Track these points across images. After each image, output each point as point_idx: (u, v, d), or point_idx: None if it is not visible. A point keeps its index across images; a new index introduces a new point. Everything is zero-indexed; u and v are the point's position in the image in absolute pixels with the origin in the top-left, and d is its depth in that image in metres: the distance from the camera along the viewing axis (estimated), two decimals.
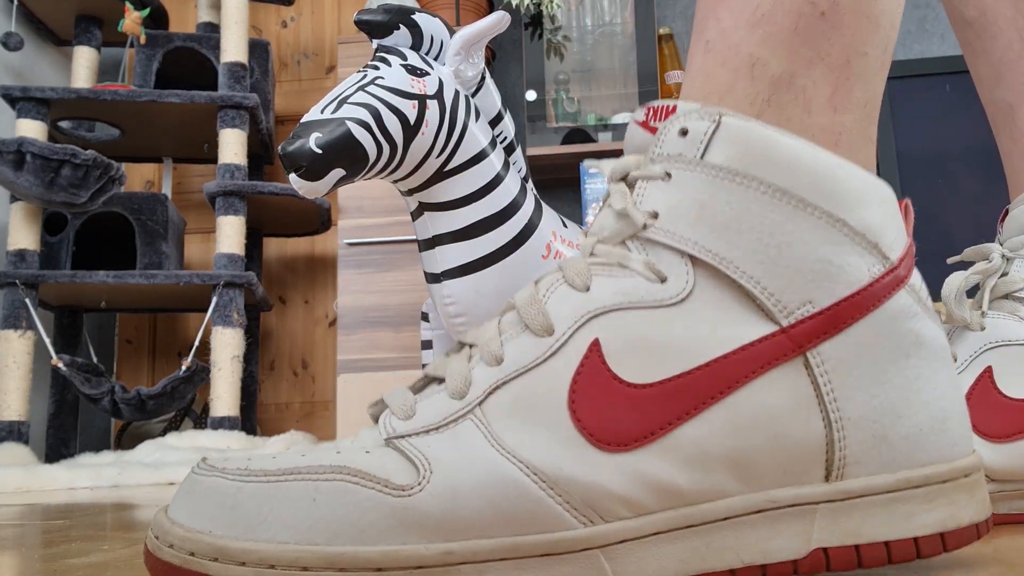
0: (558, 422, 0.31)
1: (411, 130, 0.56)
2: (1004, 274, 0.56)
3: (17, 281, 1.81)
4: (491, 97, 0.63)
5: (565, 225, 0.65)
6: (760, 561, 0.32)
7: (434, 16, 0.61)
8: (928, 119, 2.29)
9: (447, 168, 0.59)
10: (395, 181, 0.60)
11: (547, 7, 2.37)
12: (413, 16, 0.60)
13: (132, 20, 2.04)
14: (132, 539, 0.59)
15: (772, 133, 0.33)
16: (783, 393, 0.32)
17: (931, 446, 0.33)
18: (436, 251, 0.62)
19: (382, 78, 0.57)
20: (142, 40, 2.08)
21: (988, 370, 0.50)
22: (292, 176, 0.53)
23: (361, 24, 0.60)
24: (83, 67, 2.15)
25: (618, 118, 2.38)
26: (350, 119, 0.54)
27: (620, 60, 2.45)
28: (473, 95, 0.62)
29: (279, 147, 0.54)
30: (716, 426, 0.31)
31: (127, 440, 2.18)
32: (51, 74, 2.35)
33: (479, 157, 0.60)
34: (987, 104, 0.72)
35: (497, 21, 0.60)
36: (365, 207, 2.05)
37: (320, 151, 0.52)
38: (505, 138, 0.63)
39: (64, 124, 2.13)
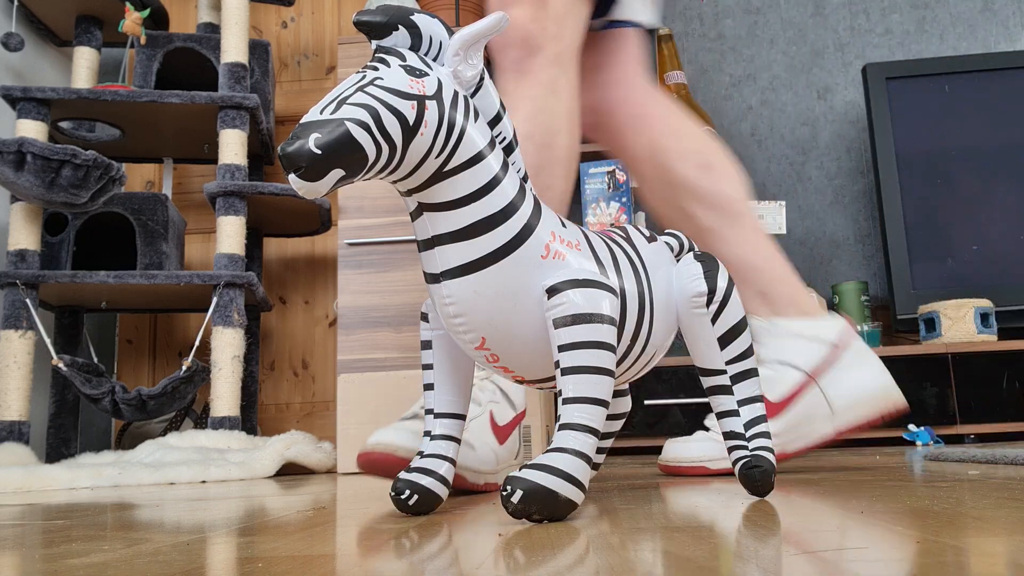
0: None
1: (410, 130, 0.56)
2: None
3: (18, 281, 1.81)
4: (490, 98, 0.63)
5: (564, 225, 0.66)
6: None
7: (433, 17, 0.61)
8: (927, 119, 2.29)
9: (446, 168, 0.59)
10: (394, 181, 0.60)
11: None
12: (412, 17, 0.60)
13: (132, 20, 2.04)
14: (132, 539, 0.59)
15: None
16: None
17: None
18: (435, 251, 0.62)
19: (381, 79, 0.57)
20: (142, 40, 2.08)
21: None
22: (291, 177, 0.53)
23: (360, 25, 0.60)
24: (83, 67, 2.15)
25: None
26: (349, 119, 0.54)
27: None
28: (472, 95, 0.62)
29: (278, 148, 0.54)
30: None
31: (127, 440, 2.19)
32: (52, 74, 2.35)
33: (477, 158, 0.60)
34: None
35: (496, 22, 0.60)
36: (365, 207, 2.05)
37: (319, 151, 0.52)
38: (504, 138, 0.63)
39: (65, 124, 2.13)
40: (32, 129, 1.89)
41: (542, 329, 0.63)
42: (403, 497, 0.67)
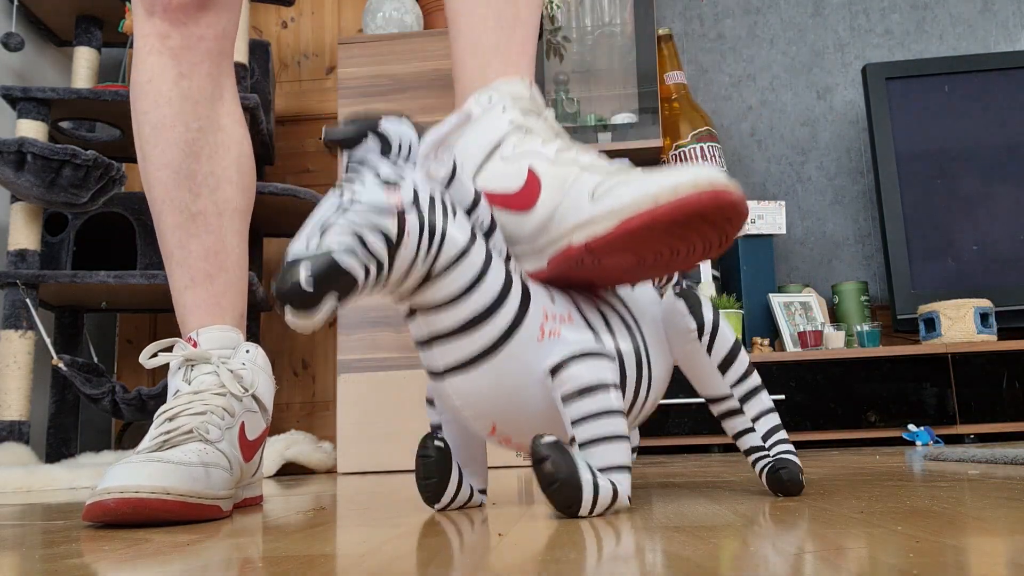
0: None
1: (394, 246, 0.58)
2: None
3: (18, 281, 1.81)
4: (464, 186, 0.64)
5: (553, 300, 0.66)
6: None
7: (400, 119, 0.62)
8: (927, 119, 2.29)
9: (432, 272, 0.60)
10: (385, 294, 0.61)
11: (547, 8, 2.37)
12: (379, 125, 0.61)
13: (132, 21, 2.04)
14: (132, 539, 0.59)
15: None
16: None
17: None
18: (435, 350, 0.63)
19: (359, 198, 0.58)
20: None
21: None
22: (287, 314, 0.54)
23: (331, 142, 0.61)
24: (84, 67, 2.16)
25: (618, 118, 2.39)
26: (336, 249, 0.55)
27: (620, 60, 2.45)
28: (446, 187, 0.63)
29: (272, 286, 0.55)
30: None
31: (128, 440, 2.19)
32: (52, 74, 2.35)
33: (462, 255, 0.61)
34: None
35: (460, 122, 0.62)
36: None
37: (311, 288, 0.53)
38: (483, 223, 0.64)
39: (65, 124, 2.13)
40: (32, 129, 1.89)
41: (551, 408, 0.65)
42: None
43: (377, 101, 2.10)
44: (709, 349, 0.73)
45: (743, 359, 0.74)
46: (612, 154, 2.33)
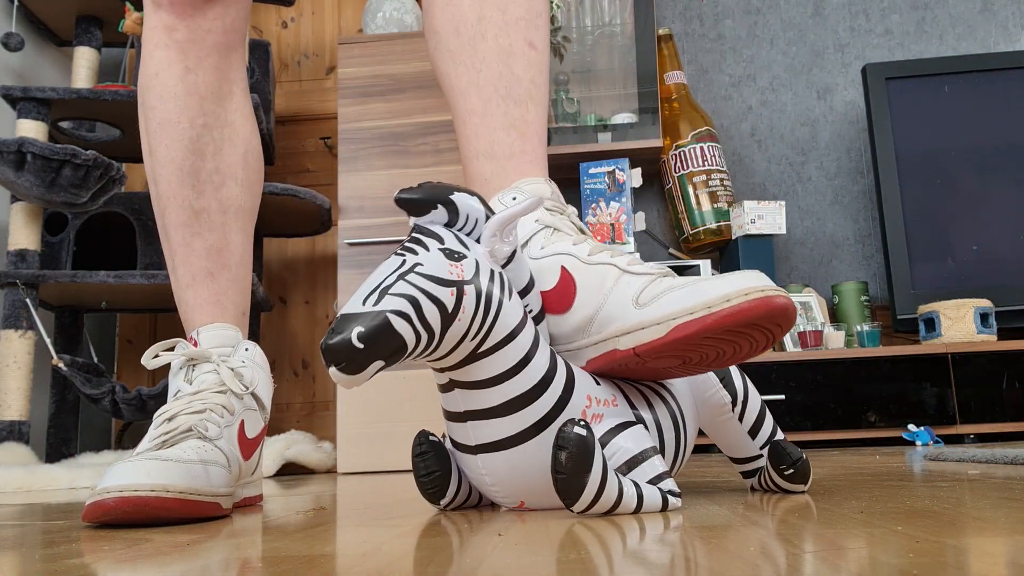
0: None
1: (448, 317, 0.57)
2: None
3: (18, 281, 1.81)
4: (523, 267, 0.64)
5: (598, 383, 0.66)
6: None
7: (472, 195, 0.62)
8: (927, 119, 2.29)
9: (481, 350, 0.60)
10: (429, 361, 0.61)
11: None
12: (451, 196, 0.61)
13: (132, 20, 2.04)
14: (132, 539, 0.59)
15: None
16: None
17: None
18: (468, 425, 0.63)
19: (421, 265, 0.58)
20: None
21: None
22: (332, 370, 0.53)
23: (401, 203, 0.61)
24: (84, 67, 2.15)
25: (618, 118, 2.39)
26: (391, 311, 0.54)
27: (620, 60, 2.45)
28: (504, 266, 0.63)
29: (321, 341, 0.54)
30: None
31: (128, 440, 2.19)
32: (52, 74, 2.35)
33: (511, 336, 0.61)
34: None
35: (532, 204, 0.61)
36: (365, 207, 2.05)
37: (361, 346, 0.53)
38: (532, 310, 0.65)
39: (65, 124, 2.13)
40: (32, 129, 1.89)
41: None
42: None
43: (377, 101, 2.10)
44: (741, 417, 0.74)
45: (767, 418, 0.76)
46: (612, 154, 2.33)
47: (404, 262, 0.58)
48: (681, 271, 2.24)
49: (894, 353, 1.99)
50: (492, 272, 0.61)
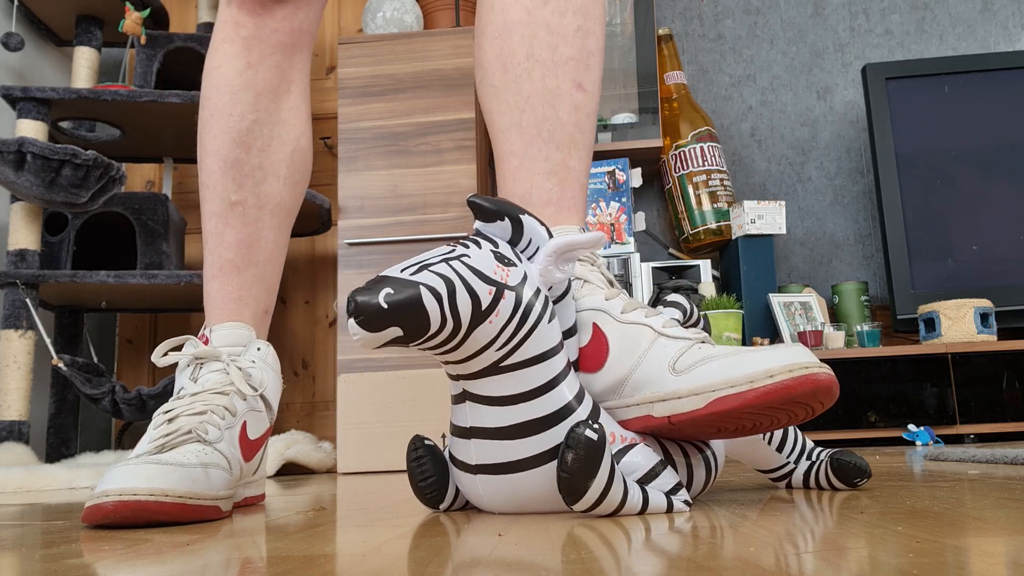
0: None
1: (480, 314, 0.57)
2: None
3: (18, 281, 1.81)
4: (569, 311, 0.64)
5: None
6: None
7: (541, 224, 0.62)
8: (927, 119, 2.29)
9: (504, 363, 0.59)
10: (446, 362, 0.60)
11: None
12: (521, 216, 0.61)
13: (132, 20, 2.04)
14: (132, 539, 0.59)
15: None
16: None
17: None
18: (471, 443, 0.62)
19: (468, 257, 0.58)
20: (142, 40, 2.08)
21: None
22: (351, 322, 0.53)
23: (473, 205, 0.61)
24: (84, 67, 2.15)
25: (618, 118, 2.38)
26: (424, 284, 0.54)
27: (620, 60, 2.45)
28: (555, 301, 0.63)
29: (351, 291, 0.54)
30: None
31: (128, 440, 2.18)
32: (52, 74, 2.35)
33: (542, 357, 0.60)
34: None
35: (595, 239, 0.61)
36: (365, 207, 2.05)
37: (386, 307, 0.53)
38: (571, 355, 0.64)
39: (65, 124, 2.13)
40: (32, 129, 1.89)
41: None
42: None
43: (377, 101, 2.10)
44: (770, 440, 0.74)
45: (792, 432, 0.76)
46: (612, 154, 2.33)
47: (453, 251, 0.58)
48: (681, 271, 2.24)
49: (894, 353, 1.99)
50: (538, 290, 0.60)
